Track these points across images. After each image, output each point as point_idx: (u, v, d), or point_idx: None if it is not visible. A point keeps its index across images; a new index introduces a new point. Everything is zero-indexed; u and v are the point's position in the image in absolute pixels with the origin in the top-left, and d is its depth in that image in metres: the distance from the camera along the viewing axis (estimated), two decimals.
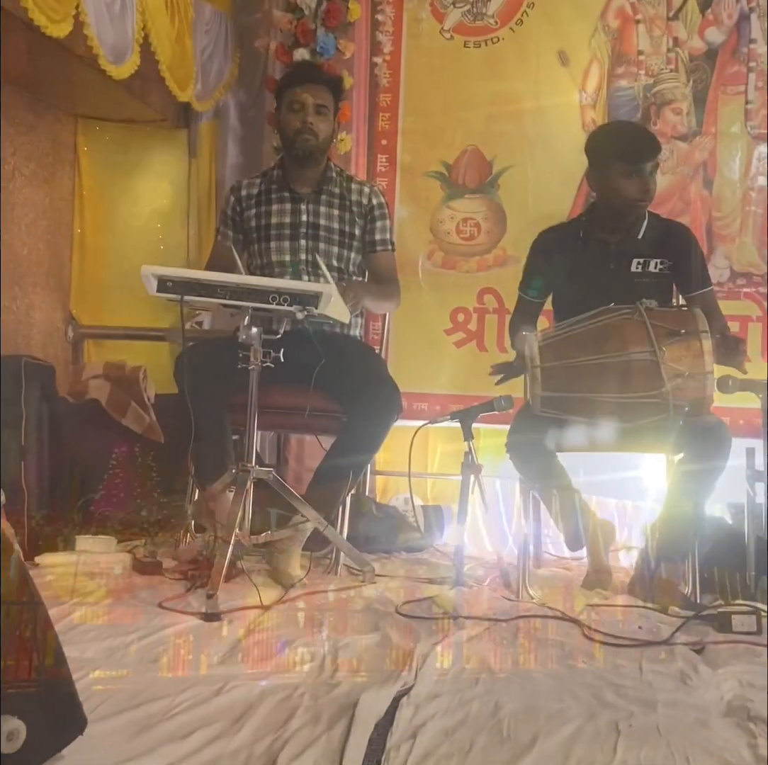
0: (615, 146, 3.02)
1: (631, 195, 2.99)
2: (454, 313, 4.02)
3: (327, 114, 3.21)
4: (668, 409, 2.73)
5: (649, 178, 2.99)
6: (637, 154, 2.98)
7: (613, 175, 3.00)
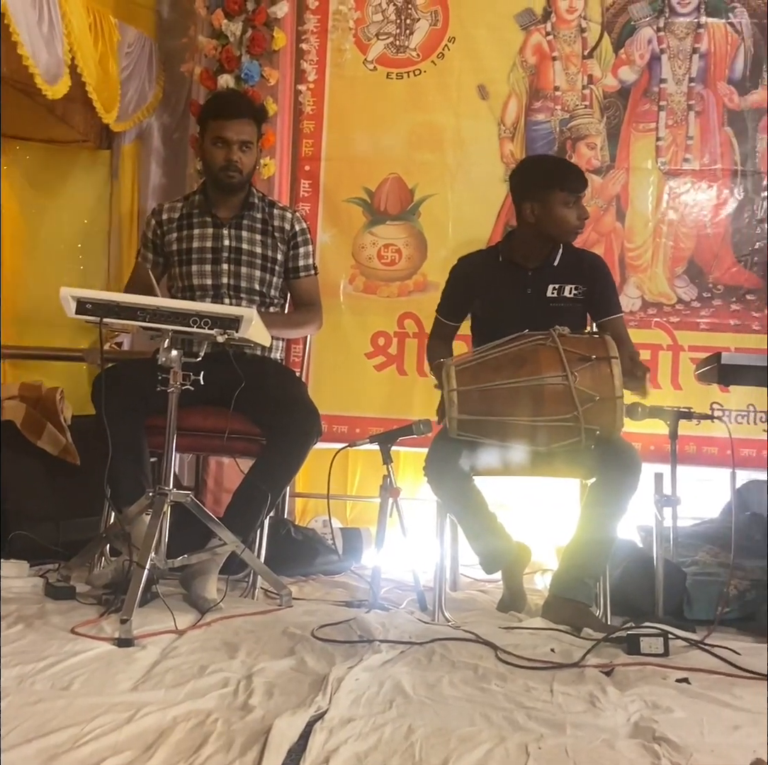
0: (558, 176, 3.11)
1: (572, 223, 3.10)
2: (375, 337, 4.06)
3: (251, 148, 3.24)
4: (580, 432, 2.80)
5: (579, 206, 3.12)
6: (578, 184, 3.11)
7: (556, 204, 3.09)
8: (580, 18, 3.98)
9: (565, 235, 3.14)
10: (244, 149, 3.21)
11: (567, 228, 3.11)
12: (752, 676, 2.32)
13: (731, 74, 3.90)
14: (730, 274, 3.91)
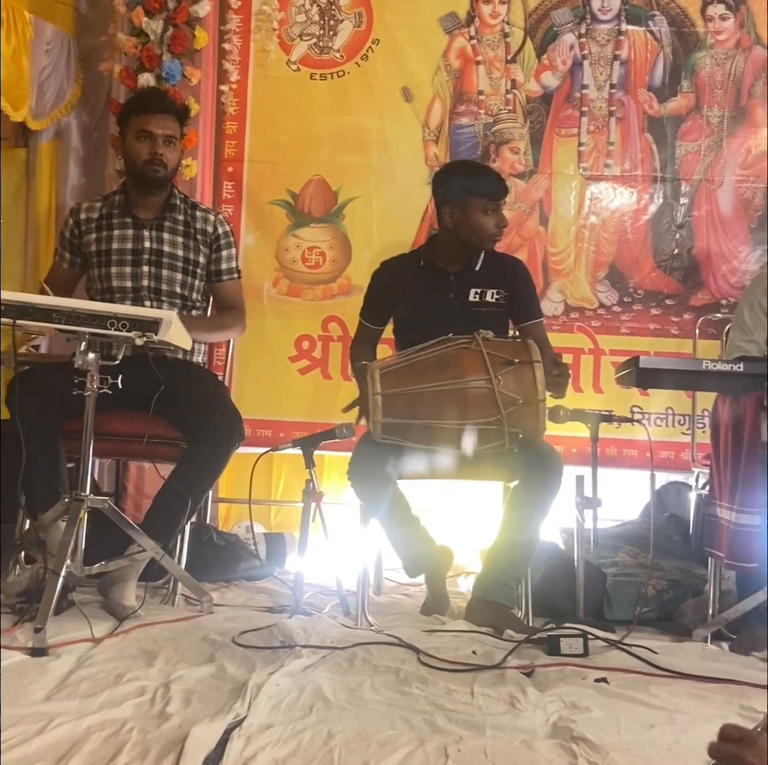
0: (477, 183, 3.12)
1: (490, 230, 3.12)
2: (299, 340, 4.03)
3: (175, 143, 3.21)
4: (503, 436, 2.81)
5: (501, 213, 3.14)
6: (496, 192, 3.12)
7: (474, 210, 3.10)
8: (504, 23, 4.01)
9: (482, 241, 3.16)
10: (168, 144, 3.17)
11: (484, 235, 3.13)
12: (668, 675, 2.36)
13: (651, 81, 3.97)
14: (650, 279, 3.98)
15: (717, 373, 2.34)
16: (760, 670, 2.46)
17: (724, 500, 2.68)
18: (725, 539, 2.67)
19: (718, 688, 2.27)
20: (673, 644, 2.74)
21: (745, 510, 2.57)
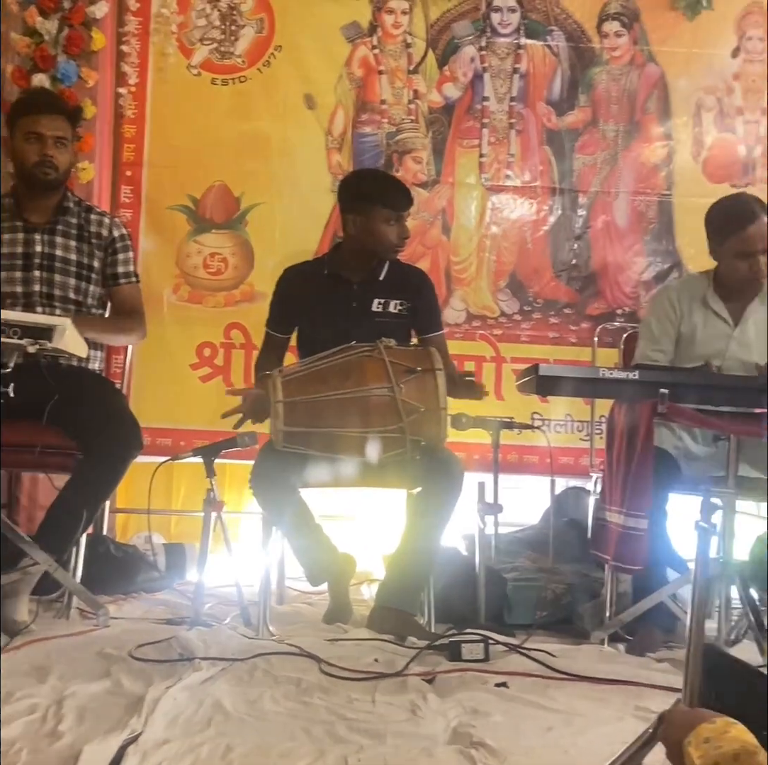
0: (381, 193, 3.13)
1: (392, 240, 3.12)
2: (200, 347, 3.97)
3: (66, 145, 3.13)
4: (405, 444, 2.82)
5: (405, 224, 3.15)
6: (400, 202, 3.13)
7: (377, 220, 3.10)
8: (406, 34, 4.03)
9: (384, 251, 3.16)
10: (58, 145, 3.10)
11: (386, 245, 3.14)
12: (566, 678, 2.39)
13: (549, 95, 4.05)
14: (549, 288, 4.04)
15: (613, 381, 2.38)
16: (655, 671, 2.52)
17: (614, 504, 2.74)
18: (613, 542, 2.73)
19: (615, 689, 2.32)
20: (571, 647, 2.78)
21: (633, 513, 2.63)
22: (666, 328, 3.14)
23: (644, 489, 2.56)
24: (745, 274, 3.04)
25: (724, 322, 3.11)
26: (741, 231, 2.99)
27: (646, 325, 3.23)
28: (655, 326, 3.16)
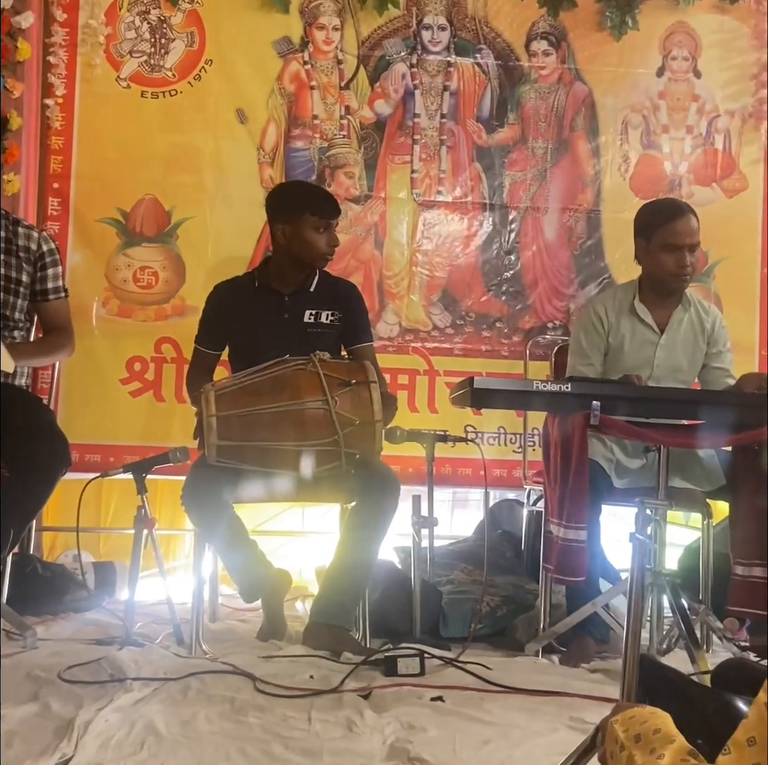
0: (309, 201, 3.15)
1: (321, 248, 3.14)
2: (131, 362, 3.91)
3: None
4: (340, 457, 2.82)
5: (334, 232, 3.17)
6: (329, 210, 3.15)
7: (306, 228, 3.12)
8: (337, 50, 4.04)
9: (314, 259, 3.18)
10: None
11: (316, 253, 3.15)
12: (501, 690, 2.40)
13: (479, 112, 4.08)
14: (480, 302, 4.07)
15: (547, 393, 2.41)
16: (589, 681, 2.55)
17: (554, 516, 2.77)
18: (555, 554, 2.75)
19: (549, 701, 2.34)
20: (506, 659, 2.80)
21: (572, 525, 2.66)
22: (594, 341, 3.19)
23: (581, 501, 2.59)
24: (671, 269, 3.09)
25: (651, 330, 3.17)
26: (669, 223, 3.07)
27: (574, 339, 3.28)
28: (583, 340, 3.21)
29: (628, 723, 1.15)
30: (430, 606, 3.06)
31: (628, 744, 1.12)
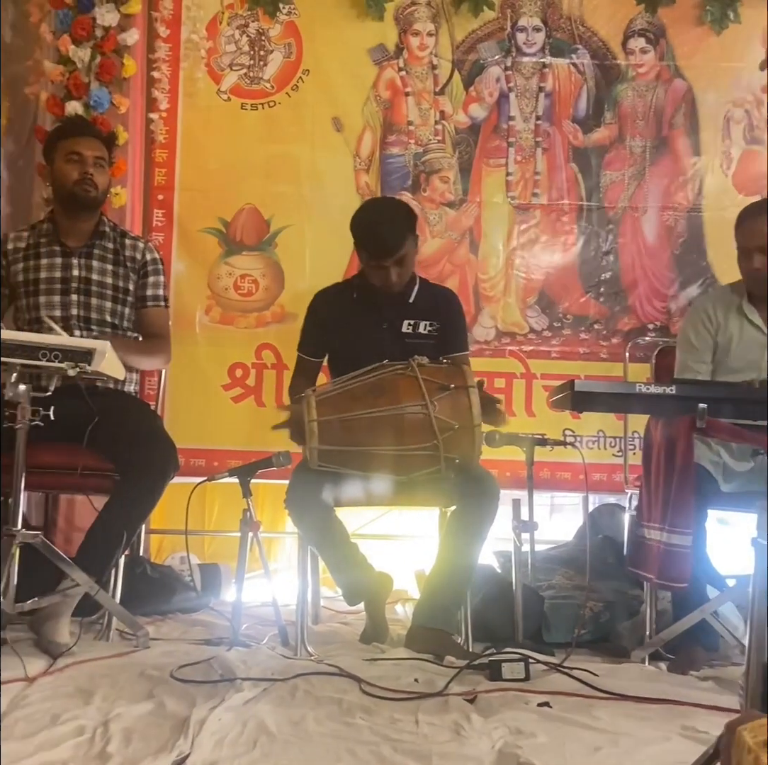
0: (361, 240, 3.13)
1: (376, 282, 3.13)
2: (232, 368, 4.00)
3: (104, 167, 3.21)
4: (440, 461, 2.82)
5: (390, 270, 3.07)
6: (376, 256, 3.10)
7: (366, 263, 3.15)
8: (432, 55, 4.07)
9: (382, 290, 3.14)
10: (97, 166, 3.17)
11: (378, 286, 3.13)
12: (610, 697, 2.37)
13: (575, 113, 4.07)
14: (578, 304, 4.05)
15: (650, 396, 2.37)
16: (699, 690, 2.50)
17: (655, 521, 2.72)
18: (655, 559, 2.71)
19: (659, 708, 2.30)
20: (612, 666, 2.76)
21: (676, 530, 2.62)
22: (705, 338, 3.14)
23: (686, 505, 2.55)
24: (746, 271, 3.06)
25: (760, 331, 3.10)
26: (742, 225, 3.05)
27: (684, 337, 3.22)
28: (693, 337, 3.16)
29: (757, 730, 1.15)
30: (532, 611, 3.04)
31: (756, 748, 1.11)
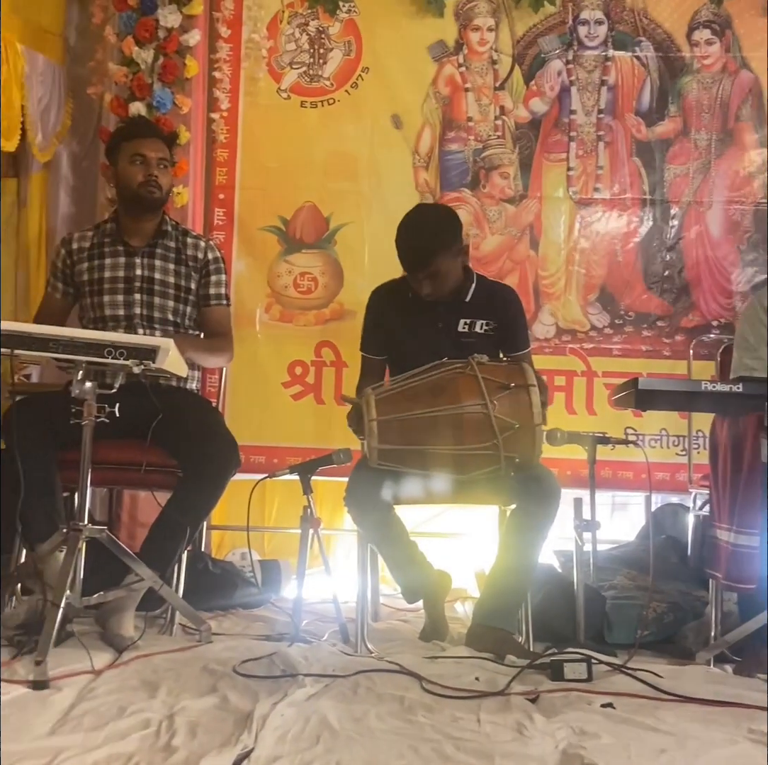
0: (397, 250, 3.05)
1: (418, 292, 3.07)
2: (292, 366, 4.03)
3: (167, 167, 3.24)
4: (499, 460, 2.80)
5: (424, 283, 3.02)
6: (407, 266, 3.06)
7: (407, 274, 3.10)
8: (492, 50, 4.05)
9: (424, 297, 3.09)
10: (160, 167, 3.20)
11: (420, 296, 3.08)
12: (675, 699, 2.34)
13: (638, 106, 4.02)
14: (641, 301, 4.00)
15: (716, 394, 2.35)
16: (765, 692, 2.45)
17: (723, 521, 2.68)
18: (724, 560, 2.67)
19: (725, 711, 2.26)
20: (676, 667, 2.72)
21: (745, 531, 2.57)
22: (761, 334, 3.07)
23: (754, 506, 2.51)
24: None
25: None
26: None
27: (740, 334, 3.16)
28: (749, 334, 3.10)
29: None
30: (594, 611, 3.01)
31: None
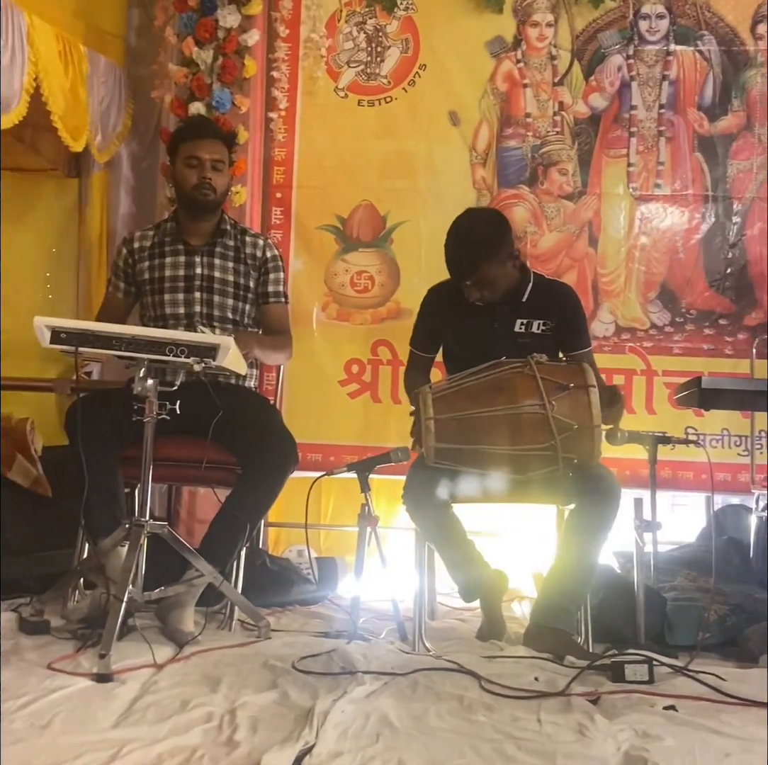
0: (445, 256, 3.04)
1: (471, 298, 3.05)
2: (348, 364, 4.04)
3: (223, 169, 3.24)
4: (557, 461, 2.78)
5: (470, 289, 3.01)
6: (453, 274, 3.06)
7: None
8: (551, 46, 4.02)
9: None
10: (216, 169, 3.21)
11: None
12: (739, 702, 2.30)
13: (701, 101, 3.97)
14: (702, 298, 3.94)
15: None
16: None
17: None
18: None
19: None
20: (739, 670, 2.67)
21: None
22: None
23: None
24: None
25: None
26: None
27: None
28: None
29: None
30: (654, 612, 2.97)
31: None
